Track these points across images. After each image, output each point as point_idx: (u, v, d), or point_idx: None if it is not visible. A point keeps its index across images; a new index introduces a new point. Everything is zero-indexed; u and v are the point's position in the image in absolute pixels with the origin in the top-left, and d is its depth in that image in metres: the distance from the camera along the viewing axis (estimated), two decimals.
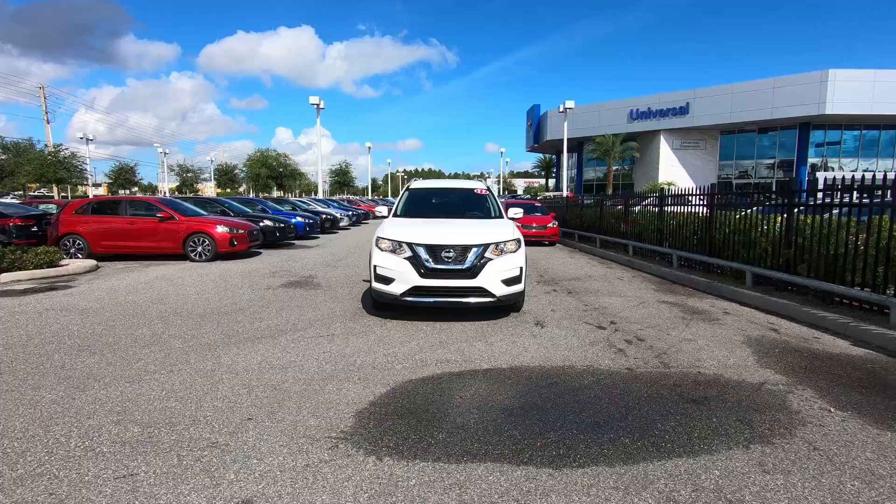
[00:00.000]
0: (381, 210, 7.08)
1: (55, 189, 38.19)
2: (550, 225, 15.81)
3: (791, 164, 35.79)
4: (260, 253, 13.15)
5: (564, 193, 34.47)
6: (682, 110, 36.89)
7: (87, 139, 49.51)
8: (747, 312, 6.46)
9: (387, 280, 5.60)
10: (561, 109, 33.69)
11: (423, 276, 5.44)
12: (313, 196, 37.38)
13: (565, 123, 34.32)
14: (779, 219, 7.24)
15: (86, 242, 11.04)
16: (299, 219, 17.26)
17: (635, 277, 9.48)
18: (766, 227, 7.44)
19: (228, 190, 65.81)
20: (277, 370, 4.13)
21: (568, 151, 37.33)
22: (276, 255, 12.77)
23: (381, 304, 6.01)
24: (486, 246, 5.57)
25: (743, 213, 8.10)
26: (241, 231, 11.62)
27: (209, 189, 67.90)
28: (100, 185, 70.55)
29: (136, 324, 5.62)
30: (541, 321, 5.87)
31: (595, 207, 15.91)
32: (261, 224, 14.31)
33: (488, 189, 7.47)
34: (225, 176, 68.30)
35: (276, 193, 58.86)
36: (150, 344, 4.85)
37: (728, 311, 6.51)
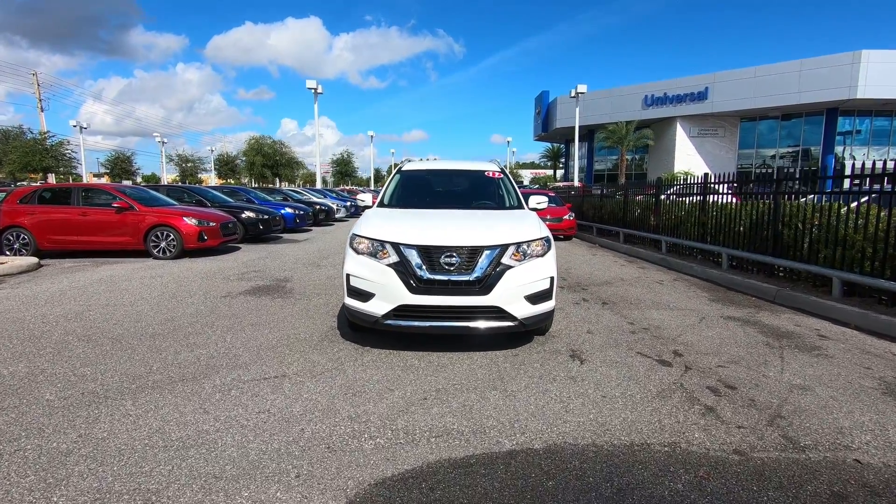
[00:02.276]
0: (364, 198, 5.42)
1: (52, 178, 36.84)
2: (566, 217, 14.15)
3: (816, 154, 33.74)
4: (238, 248, 11.60)
5: (575, 183, 32.72)
6: (701, 95, 34.81)
7: (81, 127, 48.13)
8: (853, 336, 4.82)
9: (364, 295, 4.01)
10: (573, 94, 31.87)
11: (414, 290, 3.84)
12: (309, 186, 35.83)
13: (577, 109, 32.49)
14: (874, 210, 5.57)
15: (31, 237, 9.51)
16: (288, 210, 15.69)
17: (677, 281, 7.83)
18: (861, 222, 5.77)
19: (231, 181, 64.38)
20: (172, 452, 2.55)
21: (579, 140, 35.50)
22: (256, 250, 11.21)
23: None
24: (504, 248, 3.96)
25: (818, 203, 6.44)
26: (212, 224, 10.04)
27: (212, 179, 66.61)
28: (102, 174, 68.95)
29: (17, 354, 4.06)
30: (578, 352, 4.26)
31: (617, 197, 14.23)
32: (243, 216, 12.79)
33: (503, 171, 5.82)
34: (226, 166, 66.92)
35: (282, 184, 57.30)
36: (8, 394, 3.28)
37: (824, 334, 4.88)
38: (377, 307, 3.93)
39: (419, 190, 5.71)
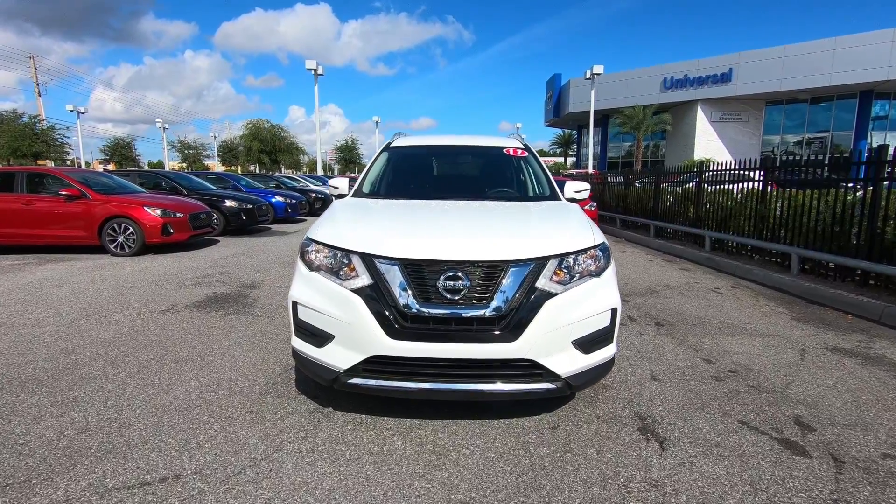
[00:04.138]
0: (338, 184, 3.94)
1: (49, 164, 35.64)
2: (588, 207, 12.57)
3: (846, 140, 31.62)
4: (217, 241, 10.22)
5: (589, 170, 30.99)
6: (724, 77, 32.68)
7: (79, 112, 46.79)
8: None
9: (319, 337, 2.55)
10: (588, 76, 29.92)
11: (396, 332, 2.37)
12: (309, 172, 34.38)
13: (592, 92, 30.59)
14: None
15: None
16: (278, 198, 14.28)
17: (737, 289, 6.31)
18: None
19: (238, 168, 63.19)
20: None
21: (593, 125, 33.61)
22: (234, 245, 9.79)
23: None
24: (541, 263, 2.47)
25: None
26: (179, 215, 8.62)
27: (218, 166, 65.53)
28: (106, 161, 67.57)
29: None
30: (649, 420, 2.78)
31: (638, 185, 12.66)
32: (224, 205, 11.38)
33: (527, 148, 4.30)
34: (230, 153, 65.71)
35: (284, 170, 55.87)
36: None
37: None
38: (338, 357, 2.48)
39: (413, 173, 4.23)
